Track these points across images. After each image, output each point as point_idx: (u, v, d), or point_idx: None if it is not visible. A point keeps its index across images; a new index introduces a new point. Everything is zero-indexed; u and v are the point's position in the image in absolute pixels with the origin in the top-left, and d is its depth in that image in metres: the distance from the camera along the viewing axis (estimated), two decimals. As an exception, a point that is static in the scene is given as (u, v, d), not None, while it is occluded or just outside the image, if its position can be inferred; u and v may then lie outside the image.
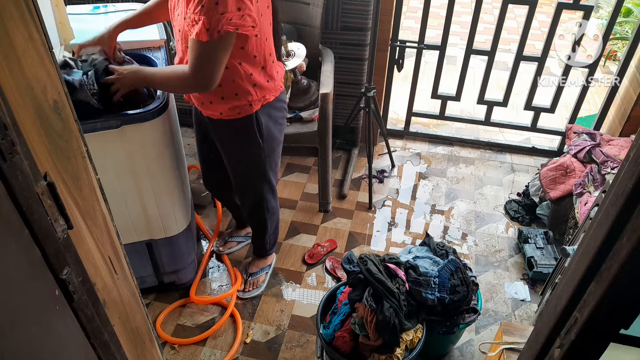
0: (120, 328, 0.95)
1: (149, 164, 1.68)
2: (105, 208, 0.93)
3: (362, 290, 1.61)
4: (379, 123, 2.70)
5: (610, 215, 0.61)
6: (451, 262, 1.72)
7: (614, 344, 0.68)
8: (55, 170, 0.73)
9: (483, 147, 3.03)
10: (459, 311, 1.70)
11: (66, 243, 0.72)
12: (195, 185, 2.64)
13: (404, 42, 2.67)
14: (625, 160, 0.62)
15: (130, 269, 1.06)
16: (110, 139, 1.57)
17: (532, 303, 2.12)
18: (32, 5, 0.67)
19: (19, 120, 0.62)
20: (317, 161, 2.42)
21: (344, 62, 2.64)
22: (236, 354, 1.91)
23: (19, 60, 0.64)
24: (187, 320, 2.03)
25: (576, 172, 2.29)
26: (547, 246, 2.26)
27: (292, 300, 2.12)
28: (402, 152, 2.99)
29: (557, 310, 0.74)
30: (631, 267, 0.58)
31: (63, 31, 1.76)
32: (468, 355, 1.93)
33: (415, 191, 2.71)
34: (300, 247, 2.35)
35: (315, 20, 2.33)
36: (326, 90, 2.14)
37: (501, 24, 2.58)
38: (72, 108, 0.79)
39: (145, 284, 2.05)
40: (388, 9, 2.54)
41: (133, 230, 1.83)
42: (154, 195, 1.76)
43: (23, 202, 0.60)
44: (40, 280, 0.67)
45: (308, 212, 2.55)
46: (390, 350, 1.57)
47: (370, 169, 2.56)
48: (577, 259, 0.72)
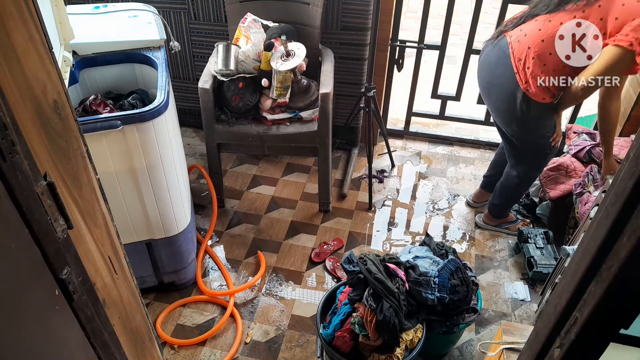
0: (120, 328, 0.95)
1: (149, 164, 1.68)
2: (105, 208, 0.93)
3: (362, 290, 1.61)
4: (378, 123, 2.70)
5: (610, 215, 0.61)
6: (451, 262, 1.72)
7: (614, 343, 0.68)
8: (55, 170, 0.73)
9: (483, 147, 3.03)
10: (458, 311, 1.70)
11: (66, 243, 0.72)
12: (195, 185, 2.64)
13: (404, 42, 2.67)
14: (625, 160, 0.62)
15: (130, 269, 1.06)
16: (110, 139, 1.57)
17: (532, 303, 2.12)
18: (32, 5, 0.67)
19: (18, 120, 0.62)
20: (317, 161, 2.42)
21: (344, 61, 2.64)
22: (236, 353, 1.91)
23: (19, 60, 0.64)
24: (187, 320, 2.03)
25: (576, 172, 2.29)
26: (547, 246, 2.26)
27: (292, 300, 2.12)
28: (402, 152, 2.99)
29: (557, 310, 0.74)
30: (631, 267, 0.58)
31: (63, 31, 1.76)
32: (468, 355, 1.93)
33: (415, 191, 2.71)
34: (300, 247, 2.35)
35: (315, 20, 2.33)
36: (326, 90, 2.14)
37: (501, 24, 2.57)
38: (71, 108, 0.79)
39: (145, 283, 2.05)
40: (388, 9, 2.54)
41: (133, 230, 1.83)
42: (154, 195, 1.76)
43: (23, 201, 0.60)
44: (40, 280, 0.67)
45: (308, 212, 2.55)
46: (390, 350, 1.57)
47: (370, 169, 2.56)
48: (577, 259, 0.72)
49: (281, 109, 2.26)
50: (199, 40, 2.73)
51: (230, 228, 2.44)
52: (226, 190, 2.62)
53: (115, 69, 1.96)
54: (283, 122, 2.27)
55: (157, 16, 2.01)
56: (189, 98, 2.96)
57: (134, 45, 1.89)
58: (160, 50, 1.91)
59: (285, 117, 2.26)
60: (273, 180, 2.73)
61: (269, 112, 2.25)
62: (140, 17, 2.00)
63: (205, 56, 2.75)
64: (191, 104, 2.99)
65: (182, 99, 2.97)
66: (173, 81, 2.90)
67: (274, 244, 2.36)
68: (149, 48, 1.91)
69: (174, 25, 2.69)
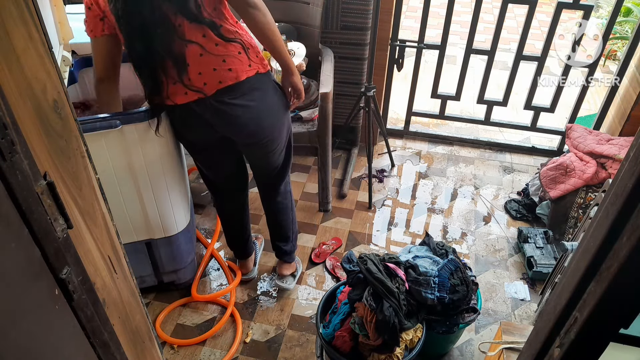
0: (120, 327, 0.95)
1: (149, 163, 1.68)
2: (105, 207, 0.93)
3: (362, 290, 1.61)
4: (378, 122, 2.70)
5: (610, 214, 0.61)
6: (451, 261, 1.72)
7: (613, 343, 0.68)
8: (54, 169, 0.73)
9: (483, 147, 3.03)
10: (458, 311, 1.70)
11: (66, 242, 0.72)
12: (195, 185, 2.64)
13: (404, 42, 2.67)
14: (625, 160, 0.62)
15: (130, 269, 1.06)
16: (110, 138, 1.57)
17: (531, 302, 2.12)
18: (32, 5, 0.67)
19: (18, 120, 0.62)
20: (317, 161, 2.42)
21: (344, 61, 2.64)
22: (236, 353, 1.91)
23: (19, 60, 0.64)
24: (186, 320, 2.03)
25: (576, 171, 2.29)
26: (546, 246, 2.26)
27: (292, 299, 2.12)
28: (402, 151, 2.99)
29: (557, 309, 0.74)
30: (631, 266, 0.58)
31: (62, 30, 1.76)
32: (468, 355, 1.93)
33: (415, 191, 2.71)
34: (300, 247, 2.35)
35: (315, 20, 2.33)
36: (326, 89, 2.14)
37: (501, 24, 2.58)
38: (71, 107, 0.79)
39: (145, 283, 2.05)
40: (388, 9, 2.54)
41: (133, 229, 1.83)
42: (154, 195, 1.76)
43: (23, 201, 0.60)
44: (40, 280, 0.67)
45: (308, 211, 2.55)
46: (390, 350, 1.57)
47: (370, 169, 2.56)
48: (576, 259, 0.72)
49: (281, 109, 2.26)
50: (199, 39, 2.73)
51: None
52: (226, 189, 2.62)
53: (115, 69, 1.96)
54: (283, 121, 2.26)
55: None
56: (189, 98, 2.96)
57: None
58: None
59: (285, 117, 2.26)
60: (273, 180, 2.73)
61: (268, 111, 2.25)
62: (140, 17, 2.00)
63: (205, 56, 2.75)
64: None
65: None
66: (173, 81, 2.89)
67: (274, 244, 2.36)
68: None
69: (173, 25, 2.68)
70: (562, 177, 2.34)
